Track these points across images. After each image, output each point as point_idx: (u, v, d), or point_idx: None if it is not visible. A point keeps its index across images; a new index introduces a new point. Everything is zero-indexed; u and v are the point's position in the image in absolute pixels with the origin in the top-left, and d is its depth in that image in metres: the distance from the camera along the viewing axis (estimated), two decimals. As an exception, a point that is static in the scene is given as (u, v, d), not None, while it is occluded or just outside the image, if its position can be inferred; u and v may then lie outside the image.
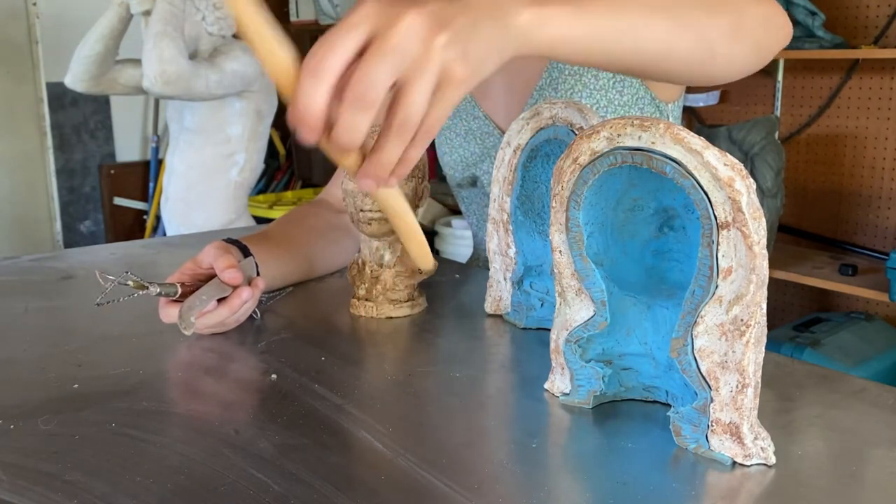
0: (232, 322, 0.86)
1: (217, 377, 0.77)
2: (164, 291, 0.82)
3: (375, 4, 0.50)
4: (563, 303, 0.68)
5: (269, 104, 2.67)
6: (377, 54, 0.49)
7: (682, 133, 0.56)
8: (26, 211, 3.61)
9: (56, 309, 0.98)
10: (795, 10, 2.42)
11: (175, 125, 2.68)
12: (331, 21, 3.62)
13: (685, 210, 0.63)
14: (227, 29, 2.55)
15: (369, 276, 0.93)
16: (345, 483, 0.56)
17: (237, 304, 0.83)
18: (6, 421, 0.66)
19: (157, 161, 3.75)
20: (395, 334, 0.88)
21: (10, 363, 0.81)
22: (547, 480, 0.57)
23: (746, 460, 0.58)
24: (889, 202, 2.51)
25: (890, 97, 2.47)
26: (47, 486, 0.56)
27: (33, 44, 3.49)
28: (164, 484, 0.56)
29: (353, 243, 1.10)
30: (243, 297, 0.83)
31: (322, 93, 0.50)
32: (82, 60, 2.50)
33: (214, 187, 2.62)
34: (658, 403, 0.68)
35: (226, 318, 0.84)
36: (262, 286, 0.88)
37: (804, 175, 2.70)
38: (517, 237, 0.87)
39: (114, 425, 0.65)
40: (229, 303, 0.83)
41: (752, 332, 0.56)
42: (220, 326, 0.85)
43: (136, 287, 0.80)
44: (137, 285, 0.80)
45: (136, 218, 3.85)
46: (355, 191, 0.88)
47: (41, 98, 3.52)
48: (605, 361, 0.68)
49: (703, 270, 0.57)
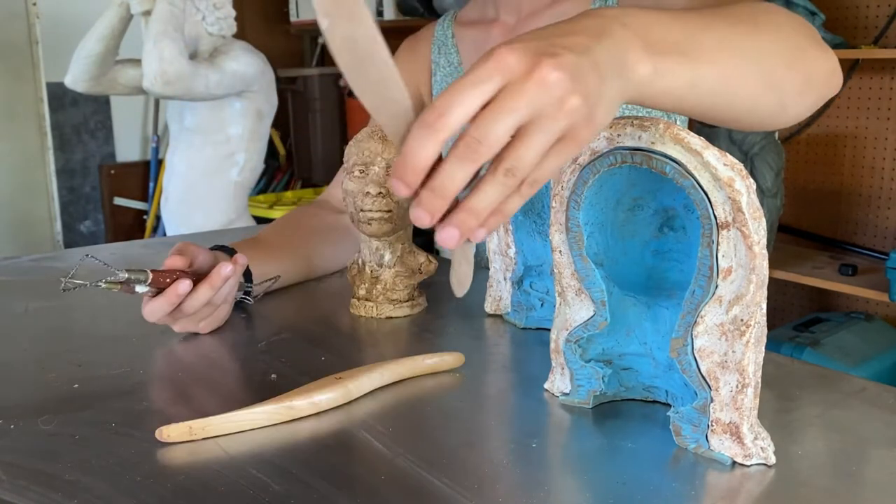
0: (220, 302, 0.84)
1: (217, 377, 0.77)
2: (134, 277, 0.79)
3: (510, 55, 0.46)
4: (563, 303, 0.68)
5: (269, 104, 2.67)
6: (506, 108, 0.45)
7: (681, 133, 0.56)
8: (26, 211, 3.61)
9: (56, 309, 0.98)
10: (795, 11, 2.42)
11: (175, 125, 2.68)
12: (331, 21, 3.61)
13: (685, 210, 0.63)
14: (227, 29, 2.55)
15: (369, 276, 0.93)
16: (345, 483, 0.56)
17: (218, 281, 0.82)
18: (6, 421, 0.66)
19: (157, 161, 3.75)
20: (395, 334, 0.88)
21: (10, 363, 0.81)
22: (547, 480, 0.57)
23: (746, 460, 0.58)
24: (889, 202, 2.51)
25: (890, 97, 2.47)
26: (47, 486, 0.56)
27: (33, 44, 3.48)
28: (164, 484, 0.56)
29: (352, 243, 1.10)
30: (224, 272, 0.81)
31: (434, 149, 0.45)
32: (82, 61, 2.50)
33: (214, 187, 2.62)
34: (658, 403, 0.68)
35: (211, 298, 0.82)
36: (242, 262, 0.86)
37: (804, 175, 2.70)
38: (517, 237, 0.87)
39: (114, 425, 0.65)
40: (209, 280, 0.81)
41: (752, 332, 0.56)
42: (212, 313, 0.85)
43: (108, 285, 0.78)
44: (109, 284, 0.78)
45: (136, 218, 3.84)
46: (355, 191, 0.88)
47: (41, 98, 3.52)
48: (605, 361, 0.68)
49: (703, 270, 0.57)
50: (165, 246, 1.33)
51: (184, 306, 0.81)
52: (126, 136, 3.79)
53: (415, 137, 0.45)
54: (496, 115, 0.45)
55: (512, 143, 0.46)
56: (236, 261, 0.85)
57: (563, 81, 0.45)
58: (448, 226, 0.47)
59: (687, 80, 0.56)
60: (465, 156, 0.45)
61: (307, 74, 3.81)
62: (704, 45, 0.57)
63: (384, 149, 0.88)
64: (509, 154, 0.46)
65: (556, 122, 0.46)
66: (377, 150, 0.88)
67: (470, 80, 0.45)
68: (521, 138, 0.46)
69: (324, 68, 3.92)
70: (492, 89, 0.45)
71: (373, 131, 0.90)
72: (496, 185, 0.47)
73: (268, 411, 0.65)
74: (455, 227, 0.47)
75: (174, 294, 0.80)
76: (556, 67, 0.45)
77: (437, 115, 0.45)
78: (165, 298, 0.80)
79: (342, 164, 0.93)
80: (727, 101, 0.61)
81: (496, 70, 0.45)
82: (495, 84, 0.45)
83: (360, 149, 0.89)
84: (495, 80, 0.45)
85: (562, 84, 0.45)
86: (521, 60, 0.45)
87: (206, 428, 0.63)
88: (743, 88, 0.62)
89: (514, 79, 0.45)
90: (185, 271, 0.82)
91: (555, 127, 0.46)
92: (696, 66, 0.56)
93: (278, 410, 0.65)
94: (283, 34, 4.05)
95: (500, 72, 0.45)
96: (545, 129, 0.46)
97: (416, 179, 0.46)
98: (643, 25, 0.53)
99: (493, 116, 0.45)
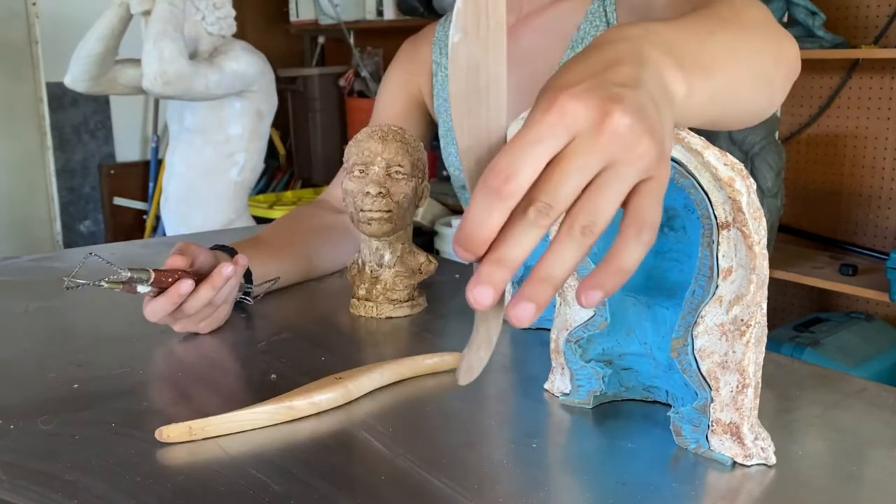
0: (221, 303, 0.85)
1: (217, 377, 0.77)
2: (136, 276, 0.78)
3: (573, 104, 0.41)
4: (563, 303, 0.68)
5: (269, 104, 2.67)
6: (578, 166, 0.41)
7: (681, 133, 0.56)
8: (26, 211, 3.61)
9: (56, 309, 0.98)
10: (795, 10, 2.42)
11: (175, 125, 2.68)
12: (331, 21, 3.61)
13: (685, 210, 0.63)
14: (227, 29, 2.55)
15: (369, 276, 0.93)
16: (345, 483, 0.56)
17: (219, 281, 0.82)
18: (6, 421, 0.66)
19: (156, 161, 3.75)
20: (395, 334, 0.88)
21: (10, 363, 0.81)
22: (547, 480, 0.57)
23: (746, 460, 0.58)
24: (889, 202, 2.51)
25: (890, 97, 2.47)
26: (47, 486, 0.56)
27: (33, 44, 3.48)
28: (164, 484, 0.56)
29: (353, 243, 1.10)
30: (225, 273, 0.81)
31: (500, 218, 0.41)
32: (82, 60, 2.50)
33: (214, 187, 2.62)
34: (658, 403, 0.68)
35: (212, 298, 0.82)
36: (243, 262, 0.86)
37: (804, 175, 2.70)
38: (517, 237, 0.87)
39: (114, 425, 0.65)
40: (210, 280, 0.81)
41: (752, 332, 0.56)
42: (213, 313, 0.85)
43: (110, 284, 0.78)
44: (111, 283, 0.78)
45: (136, 218, 3.84)
46: (355, 191, 0.88)
47: (41, 98, 3.52)
48: (605, 361, 0.68)
49: (703, 270, 0.57)
50: (165, 246, 1.33)
51: (185, 306, 0.81)
52: (126, 136, 3.79)
53: (479, 205, 0.41)
54: (568, 174, 0.41)
55: (587, 197, 0.41)
56: (237, 261, 0.85)
57: (633, 127, 0.42)
58: (522, 301, 0.42)
59: (708, 94, 0.54)
60: (534, 221, 0.41)
61: (307, 74, 3.81)
62: (714, 55, 0.56)
63: (384, 149, 0.88)
64: (586, 209, 0.41)
65: (633, 168, 0.42)
66: (377, 150, 0.88)
67: (534, 135, 0.41)
68: (597, 191, 0.41)
69: (324, 68, 3.92)
70: (559, 145, 0.41)
71: (373, 131, 0.90)
72: (573, 246, 0.42)
73: (268, 411, 0.65)
74: (530, 302, 0.41)
75: (176, 294, 0.80)
76: (624, 113, 0.41)
77: (504, 179, 0.40)
78: (167, 298, 0.80)
79: (342, 164, 0.93)
80: (732, 108, 0.61)
81: (561, 123, 0.41)
82: (562, 139, 0.41)
83: (360, 149, 0.89)
84: (562, 135, 0.41)
85: (633, 129, 0.42)
86: (587, 109, 0.41)
87: (206, 428, 0.63)
88: (744, 92, 0.62)
89: (583, 131, 0.41)
90: (187, 271, 0.82)
91: (632, 172, 0.42)
92: (712, 78, 0.55)
93: (278, 410, 0.65)
94: (283, 34, 4.05)
95: (566, 126, 0.41)
96: (622, 177, 0.42)
97: (480, 250, 0.41)
98: (665, 42, 0.50)
99: (565, 177, 0.41)
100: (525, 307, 0.41)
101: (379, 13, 3.53)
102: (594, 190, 0.42)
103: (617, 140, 0.41)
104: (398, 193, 0.88)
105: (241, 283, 0.92)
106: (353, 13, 3.59)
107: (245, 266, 0.88)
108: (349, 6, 3.59)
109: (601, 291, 0.43)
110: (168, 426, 0.62)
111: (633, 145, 0.42)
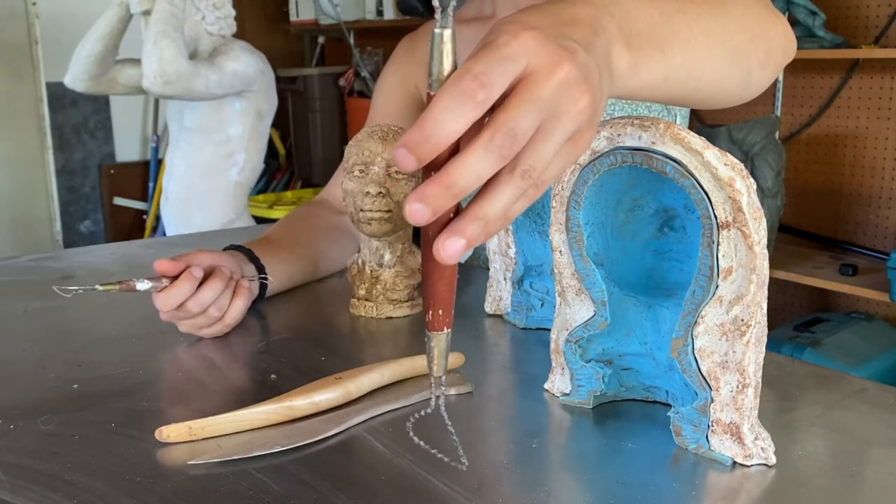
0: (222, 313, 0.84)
1: (217, 377, 0.77)
2: (155, 286, 0.79)
3: (530, 38, 0.42)
4: (563, 303, 0.68)
5: (269, 104, 2.67)
6: (531, 100, 0.41)
7: (682, 133, 0.56)
8: (26, 211, 3.61)
9: (56, 309, 0.98)
10: (795, 10, 2.42)
11: (175, 125, 2.68)
12: (331, 21, 3.61)
13: (685, 210, 0.63)
14: (227, 29, 2.55)
15: (369, 276, 0.93)
16: (345, 483, 0.56)
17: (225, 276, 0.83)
18: (6, 421, 0.66)
19: (156, 161, 3.75)
20: (395, 334, 0.88)
21: (10, 363, 0.81)
22: (547, 480, 0.57)
23: (747, 460, 0.58)
24: (889, 202, 2.51)
25: (890, 97, 2.47)
26: (47, 486, 0.56)
27: (33, 44, 3.48)
28: (164, 484, 0.56)
29: (353, 243, 1.10)
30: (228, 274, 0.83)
31: (466, 122, 0.39)
32: (82, 60, 2.50)
33: (214, 187, 2.62)
34: (658, 403, 0.68)
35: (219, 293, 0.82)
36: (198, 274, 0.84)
37: (804, 175, 2.70)
38: (517, 237, 0.87)
39: (114, 425, 0.65)
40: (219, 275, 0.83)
41: (752, 332, 0.56)
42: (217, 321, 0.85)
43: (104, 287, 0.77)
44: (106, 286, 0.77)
45: (136, 218, 3.84)
46: (355, 191, 0.88)
47: (41, 98, 3.52)
48: (606, 361, 0.68)
49: (703, 270, 0.57)
50: (165, 246, 1.33)
51: (189, 304, 0.80)
52: (126, 135, 3.79)
53: (446, 106, 0.39)
54: (527, 105, 0.41)
55: (530, 142, 0.42)
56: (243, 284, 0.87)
57: (579, 81, 0.43)
58: (453, 235, 0.40)
59: (661, 73, 0.56)
60: (496, 150, 0.40)
61: (307, 74, 3.81)
62: (678, 32, 0.57)
63: (384, 149, 0.88)
64: (528, 153, 0.42)
65: (572, 122, 0.43)
66: (377, 150, 0.88)
67: (504, 53, 0.41)
68: (539, 137, 0.42)
69: (324, 68, 3.92)
70: (519, 69, 0.41)
71: (373, 131, 0.90)
72: (512, 188, 0.41)
73: (268, 411, 0.65)
74: (461, 237, 0.40)
75: (191, 277, 0.79)
76: (574, 67, 0.43)
77: (480, 84, 0.39)
78: (184, 281, 0.79)
79: (342, 163, 0.93)
80: (696, 86, 0.62)
81: (521, 52, 0.42)
82: (521, 65, 0.42)
83: (360, 149, 0.89)
84: (521, 61, 0.42)
85: (578, 84, 0.43)
86: (542, 49, 0.42)
87: (205, 428, 0.63)
88: (711, 71, 0.62)
89: (538, 69, 0.42)
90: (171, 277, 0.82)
91: (570, 126, 0.43)
92: (670, 57, 0.56)
93: (278, 410, 0.65)
94: (283, 34, 4.05)
95: (525, 55, 0.42)
96: (562, 128, 0.42)
97: (431, 154, 0.39)
98: (625, 16, 0.52)
99: (525, 107, 0.41)
100: (454, 241, 0.40)
101: (379, 13, 3.54)
102: (537, 136, 0.42)
103: (564, 89, 0.42)
104: (398, 193, 0.88)
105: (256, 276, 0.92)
106: (353, 13, 3.59)
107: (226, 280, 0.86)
108: (349, 6, 3.59)
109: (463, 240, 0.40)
110: (168, 426, 0.62)
111: (576, 100, 0.43)
